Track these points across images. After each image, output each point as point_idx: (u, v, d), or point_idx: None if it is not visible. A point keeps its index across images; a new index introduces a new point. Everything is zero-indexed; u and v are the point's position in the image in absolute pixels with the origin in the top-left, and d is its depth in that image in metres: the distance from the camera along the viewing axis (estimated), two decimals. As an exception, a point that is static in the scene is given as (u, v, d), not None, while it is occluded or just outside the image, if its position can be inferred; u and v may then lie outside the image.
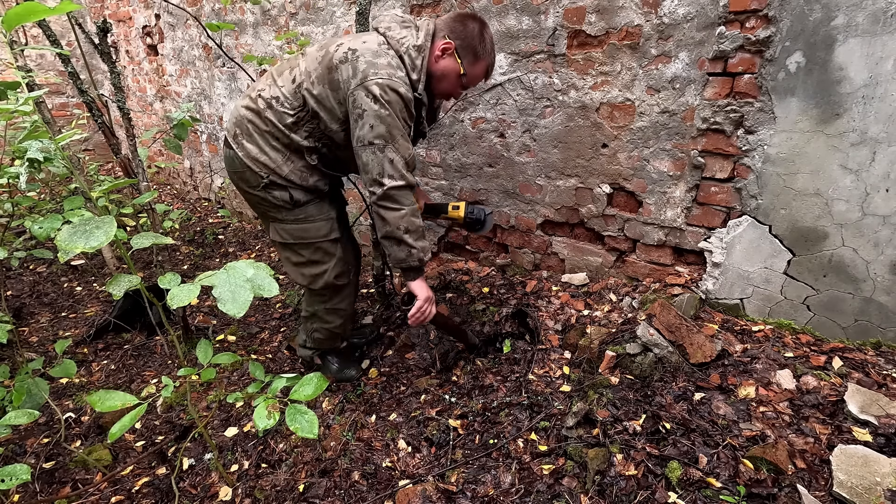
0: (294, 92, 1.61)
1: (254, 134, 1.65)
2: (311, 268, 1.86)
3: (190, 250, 3.80)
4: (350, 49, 1.54)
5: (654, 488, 1.36)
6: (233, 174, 1.76)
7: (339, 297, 1.96)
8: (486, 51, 1.63)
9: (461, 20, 1.61)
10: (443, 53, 1.60)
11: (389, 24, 1.60)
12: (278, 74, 1.67)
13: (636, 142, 1.99)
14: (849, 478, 1.25)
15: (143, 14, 4.58)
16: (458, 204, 1.99)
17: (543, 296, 2.28)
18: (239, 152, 1.67)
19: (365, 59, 1.52)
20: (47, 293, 3.27)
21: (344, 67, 1.53)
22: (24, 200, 2.34)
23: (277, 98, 1.62)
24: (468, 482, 1.57)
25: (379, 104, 1.49)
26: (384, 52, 1.54)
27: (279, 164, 1.66)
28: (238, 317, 0.93)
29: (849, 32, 1.47)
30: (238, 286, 0.96)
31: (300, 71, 1.62)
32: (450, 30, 1.60)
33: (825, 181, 1.61)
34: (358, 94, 1.50)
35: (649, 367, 1.72)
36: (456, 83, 1.66)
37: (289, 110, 1.61)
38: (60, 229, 0.98)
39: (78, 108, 5.17)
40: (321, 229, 1.81)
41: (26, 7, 0.94)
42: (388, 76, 1.50)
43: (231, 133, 1.69)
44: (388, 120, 1.50)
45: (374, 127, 1.51)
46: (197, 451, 1.89)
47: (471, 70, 1.64)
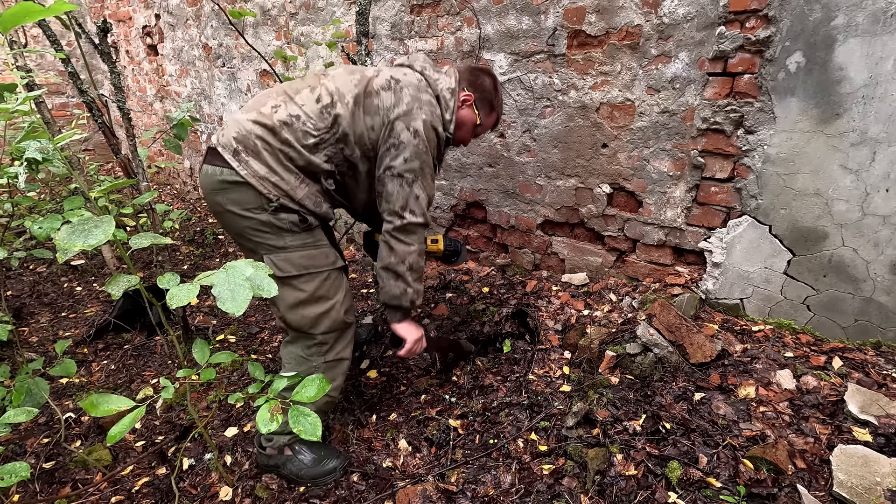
0: (320, 112, 1.50)
1: (263, 152, 1.47)
2: (314, 306, 1.56)
3: (190, 250, 3.80)
4: (393, 78, 1.53)
5: (654, 488, 1.36)
6: (220, 196, 1.51)
7: (344, 341, 1.66)
8: (498, 103, 1.75)
9: (478, 74, 1.70)
10: (463, 104, 1.67)
11: (424, 65, 1.61)
12: (294, 92, 1.54)
13: (636, 142, 1.99)
14: (849, 478, 1.25)
15: (143, 14, 4.58)
16: (437, 237, 1.98)
17: (543, 296, 2.28)
18: (241, 170, 1.46)
19: (409, 92, 1.51)
20: (47, 293, 3.27)
21: (386, 95, 1.51)
22: (24, 200, 2.34)
23: (298, 116, 1.49)
24: (468, 482, 1.57)
25: (419, 139, 1.49)
26: (424, 88, 1.55)
27: (293, 186, 1.50)
28: (237, 315, 0.93)
29: (849, 32, 1.47)
30: (237, 285, 0.96)
31: (328, 91, 1.52)
32: (468, 83, 1.67)
33: (825, 181, 1.61)
34: (398, 125, 1.49)
35: (649, 367, 1.72)
36: (471, 131, 1.73)
37: (312, 130, 1.49)
38: (60, 229, 0.98)
39: (78, 108, 5.17)
40: (329, 255, 1.60)
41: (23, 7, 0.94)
42: (430, 114, 1.52)
43: (230, 149, 1.47)
44: (423, 156, 1.51)
45: (408, 160, 1.50)
46: (197, 451, 1.89)
47: (485, 120, 1.74)
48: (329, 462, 1.68)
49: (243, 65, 3.67)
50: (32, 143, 1.38)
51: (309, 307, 1.56)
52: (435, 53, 2.48)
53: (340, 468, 1.68)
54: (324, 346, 1.61)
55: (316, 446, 1.70)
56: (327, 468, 1.67)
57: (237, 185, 1.47)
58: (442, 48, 2.44)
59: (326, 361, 1.63)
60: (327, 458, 1.69)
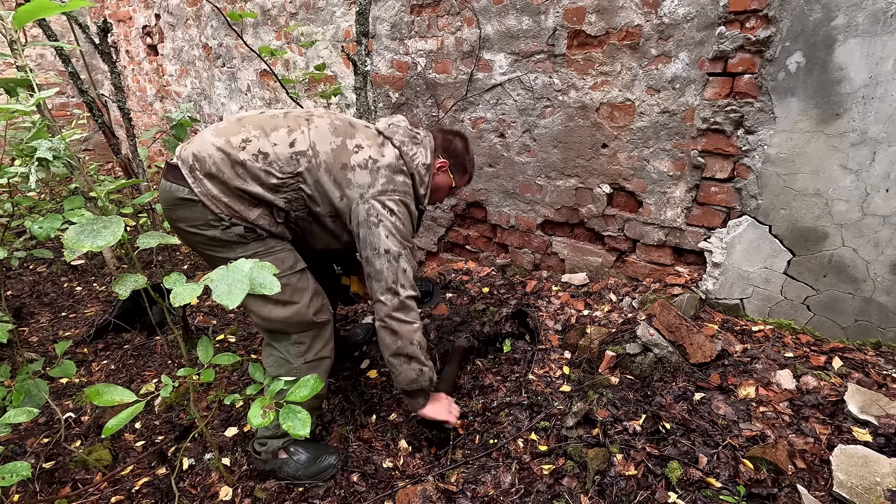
0: (290, 158, 1.49)
1: (216, 177, 1.45)
2: (281, 309, 1.56)
3: (189, 250, 3.80)
4: (371, 158, 1.55)
5: (654, 488, 1.36)
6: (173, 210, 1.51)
7: (321, 341, 1.66)
8: (470, 163, 1.83)
9: (449, 138, 1.77)
10: (438, 171, 1.75)
11: (403, 139, 1.64)
12: (271, 129, 1.51)
13: (636, 142, 1.99)
14: (849, 478, 1.25)
15: (143, 14, 4.58)
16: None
17: (543, 296, 2.28)
18: (195, 188, 1.44)
19: (385, 174, 1.55)
20: (47, 293, 3.27)
21: (362, 172, 1.54)
22: (24, 200, 2.34)
23: (266, 154, 1.47)
24: (468, 482, 1.57)
25: (396, 217, 1.54)
26: (399, 168, 1.60)
27: (245, 208, 1.49)
28: (231, 307, 0.94)
29: (849, 32, 1.47)
30: (235, 280, 0.97)
31: (304, 139, 1.51)
32: (443, 149, 1.75)
33: (825, 181, 1.62)
34: (374, 204, 1.52)
35: (649, 367, 1.72)
36: (446, 193, 1.83)
37: (277, 172, 1.47)
38: (64, 229, 0.98)
39: (78, 108, 5.17)
40: (286, 260, 1.57)
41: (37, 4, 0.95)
42: (403, 194, 1.58)
43: (187, 165, 1.45)
44: (403, 232, 1.56)
45: (388, 236, 1.52)
46: (197, 451, 1.89)
47: (459, 181, 1.83)
48: (325, 459, 1.69)
49: (243, 65, 3.67)
50: (44, 142, 1.38)
51: (276, 310, 1.56)
52: (435, 53, 2.48)
53: (337, 464, 1.70)
54: (301, 346, 1.62)
55: (310, 445, 1.71)
56: (324, 465, 1.68)
57: (188, 202, 1.46)
58: (442, 48, 2.44)
59: (307, 362, 1.63)
60: (323, 455, 1.70)
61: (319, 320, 1.62)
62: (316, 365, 1.65)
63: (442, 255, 2.92)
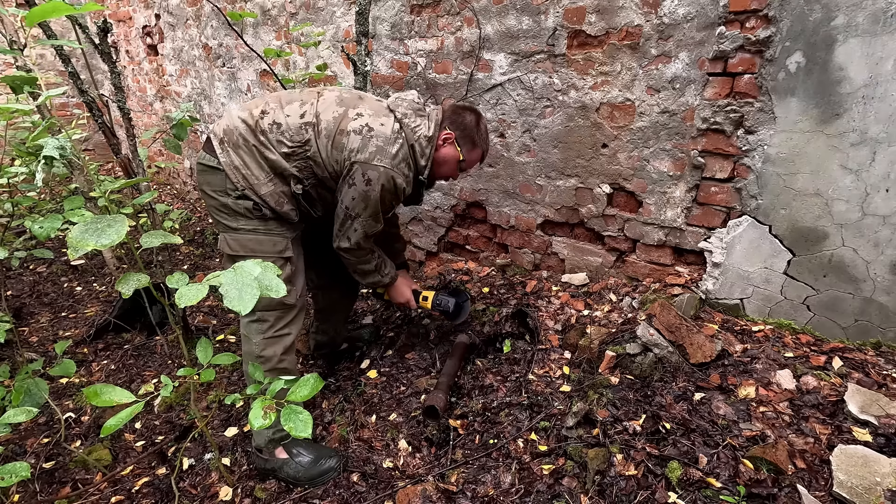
0: (299, 127, 1.63)
1: (241, 147, 1.62)
2: None
3: (190, 250, 3.80)
4: (367, 126, 1.63)
5: (654, 488, 1.36)
6: (201, 176, 1.70)
7: (285, 320, 1.73)
8: (481, 139, 1.81)
9: (459, 112, 1.78)
10: (444, 142, 1.76)
11: (406, 112, 1.70)
12: (287, 102, 1.67)
13: (636, 142, 1.99)
14: (849, 478, 1.25)
15: (143, 14, 4.58)
16: (427, 294, 2.06)
17: (543, 296, 2.28)
18: (221, 157, 1.62)
19: (376, 143, 1.61)
20: (47, 293, 3.28)
21: (355, 137, 1.61)
22: (24, 200, 2.34)
23: (280, 125, 1.63)
24: (468, 482, 1.57)
25: (370, 186, 1.62)
26: (395, 139, 1.64)
27: (260, 182, 1.63)
28: (244, 314, 0.94)
29: (849, 32, 1.47)
30: (245, 284, 0.97)
31: (312, 112, 1.65)
32: (451, 121, 1.77)
33: (825, 181, 1.62)
34: (355, 168, 1.62)
35: (649, 367, 1.72)
36: (455, 167, 1.82)
37: (287, 141, 1.63)
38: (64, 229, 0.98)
39: (78, 108, 5.17)
40: (277, 245, 1.69)
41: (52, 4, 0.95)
42: (390, 166, 1.62)
43: (217, 137, 1.64)
44: (369, 201, 1.65)
45: (354, 200, 1.65)
46: (197, 451, 1.89)
47: (468, 156, 1.81)
48: (326, 462, 1.71)
49: (243, 65, 3.67)
50: (50, 141, 1.39)
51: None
52: (435, 53, 2.48)
53: (338, 467, 1.71)
54: (264, 324, 1.71)
55: (313, 447, 1.74)
56: (324, 468, 1.70)
57: (214, 170, 1.65)
58: (442, 48, 2.44)
59: (265, 338, 1.72)
60: (324, 457, 1.72)
61: (287, 303, 1.72)
62: (274, 341, 1.73)
63: (442, 255, 2.92)
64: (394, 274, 1.96)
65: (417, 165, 1.73)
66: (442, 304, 2.03)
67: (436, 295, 2.05)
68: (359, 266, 1.85)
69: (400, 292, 2.03)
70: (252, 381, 1.44)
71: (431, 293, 2.06)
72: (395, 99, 1.75)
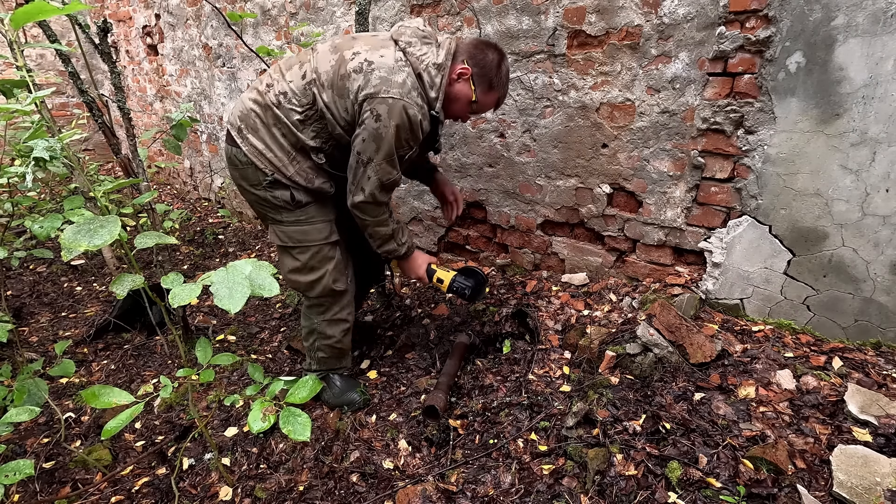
0: (303, 89, 1.57)
1: (260, 129, 1.60)
2: (308, 274, 1.78)
3: (190, 250, 3.80)
4: (366, 60, 1.51)
5: (654, 488, 1.36)
6: (234, 171, 1.70)
7: (339, 305, 1.86)
8: (500, 83, 1.64)
9: (482, 48, 1.61)
10: (458, 77, 1.60)
11: (410, 39, 1.55)
12: (287, 68, 1.61)
13: (636, 142, 1.99)
14: (849, 478, 1.25)
15: (143, 14, 4.58)
16: (443, 276, 1.93)
17: (543, 296, 2.28)
18: (243, 147, 1.61)
19: (379, 75, 1.49)
20: (47, 293, 3.28)
21: (356, 77, 1.51)
22: (24, 200, 2.34)
23: (286, 94, 1.58)
24: (468, 482, 1.57)
25: (380, 122, 1.49)
26: (400, 68, 1.51)
27: (285, 163, 1.62)
28: (233, 312, 0.94)
29: (849, 32, 1.47)
30: (236, 283, 0.97)
31: (310, 68, 1.57)
32: (469, 55, 1.60)
33: (825, 181, 1.61)
34: (365, 107, 1.50)
35: (649, 367, 1.72)
36: (466, 108, 1.67)
37: (297, 107, 1.57)
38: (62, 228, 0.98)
39: (78, 108, 5.17)
40: (322, 231, 1.75)
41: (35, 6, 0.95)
42: (399, 95, 1.48)
43: (235, 127, 1.63)
44: (381, 140, 1.52)
45: (365, 141, 1.53)
46: (197, 451, 1.89)
47: (482, 98, 1.65)
48: (350, 395, 1.94)
49: (243, 65, 3.67)
50: (40, 142, 1.39)
51: (302, 274, 1.78)
52: (435, 53, 2.47)
53: (360, 401, 1.94)
54: (321, 308, 1.84)
55: (346, 379, 1.99)
56: (347, 399, 1.94)
57: (243, 164, 1.64)
58: (442, 48, 2.44)
59: (326, 320, 1.86)
60: (350, 390, 1.95)
61: (338, 289, 1.81)
62: (335, 323, 1.87)
63: (442, 255, 2.92)
64: (411, 244, 1.85)
65: (428, 97, 1.56)
66: (458, 288, 1.91)
67: (453, 279, 1.92)
68: (375, 228, 1.71)
69: (414, 267, 1.91)
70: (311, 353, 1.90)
71: (448, 275, 1.93)
72: (397, 27, 1.60)
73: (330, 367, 1.98)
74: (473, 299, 1.97)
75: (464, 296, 1.92)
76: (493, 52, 1.62)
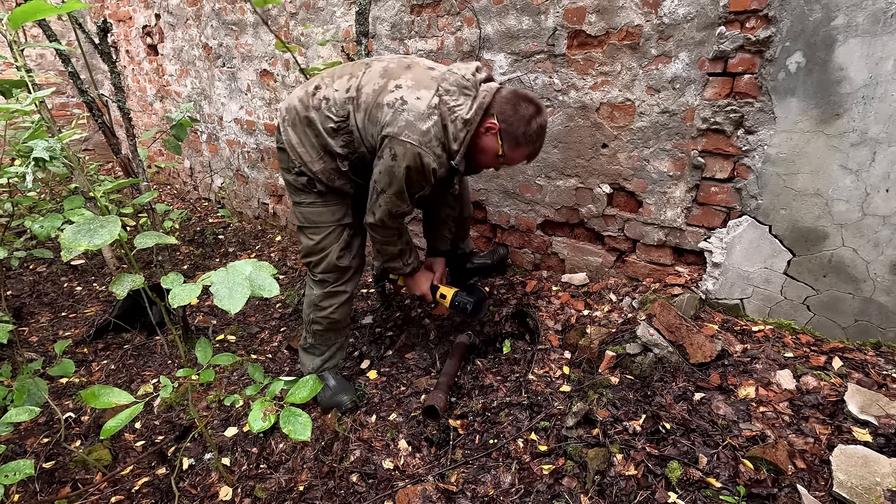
0: (343, 102, 1.66)
1: (297, 125, 1.73)
2: (317, 254, 1.89)
3: (190, 250, 3.80)
4: (402, 99, 1.57)
5: (654, 488, 1.36)
6: (277, 152, 1.87)
7: (341, 280, 1.94)
8: (528, 139, 1.63)
9: (515, 103, 1.61)
10: (486, 131, 1.63)
11: (450, 87, 1.59)
12: (338, 76, 1.71)
13: (636, 142, 1.99)
14: (849, 478, 1.25)
15: (143, 14, 4.58)
16: (446, 292, 2.02)
17: (543, 296, 2.28)
18: (283, 136, 1.76)
19: (406, 117, 1.55)
20: (47, 293, 3.28)
21: (387, 111, 1.58)
22: (24, 200, 2.34)
23: (328, 100, 1.68)
24: (468, 482, 1.57)
25: (395, 161, 1.58)
26: (429, 116, 1.56)
27: (313, 159, 1.74)
28: (233, 312, 0.94)
29: (849, 32, 1.47)
30: (236, 283, 0.97)
31: (356, 84, 1.66)
32: (500, 110, 1.61)
33: (825, 181, 1.61)
34: (385, 142, 1.59)
35: (649, 367, 1.72)
36: (494, 160, 1.70)
37: (333, 116, 1.67)
38: (62, 228, 0.98)
39: (78, 108, 5.17)
40: (335, 213, 1.86)
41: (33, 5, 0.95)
42: (417, 143, 1.55)
43: (281, 116, 1.78)
44: (394, 177, 1.62)
45: (381, 173, 1.64)
46: (197, 451, 1.89)
47: (509, 153, 1.66)
48: (341, 397, 1.96)
49: (243, 65, 3.67)
50: (40, 142, 1.39)
51: (314, 255, 1.90)
52: (435, 53, 2.48)
53: (348, 404, 1.95)
54: (324, 284, 1.94)
55: (340, 380, 2.03)
56: (336, 401, 1.96)
57: (280, 149, 1.81)
58: (442, 48, 2.44)
59: (324, 292, 1.94)
60: (341, 393, 1.98)
61: (341, 265, 1.90)
62: (331, 295, 1.94)
63: (442, 255, 2.92)
64: (416, 265, 1.96)
65: (450, 148, 1.61)
66: (460, 304, 2.00)
67: (455, 294, 2.00)
68: (382, 246, 1.85)
69: (417, 284, 2.02)
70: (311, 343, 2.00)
71: (450, 291, 2.01)
72: (446, 71, 1.64)
73: (325, 341, 2.02)
74: (475, 315, 2.07)
75: (465, 311, 2.01)
76: (528, 108, 1.61)
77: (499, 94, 1.63)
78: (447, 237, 2.15)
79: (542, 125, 1.64)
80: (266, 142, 3.75)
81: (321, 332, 2.00)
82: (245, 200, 4.24)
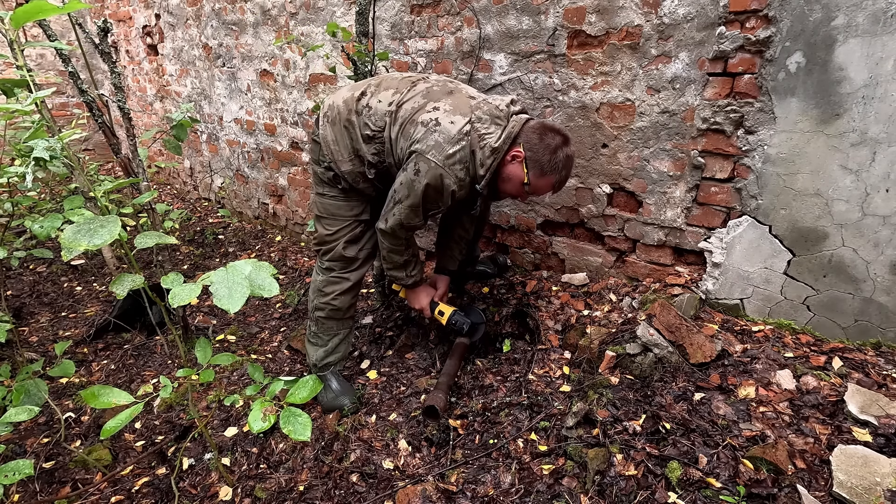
0: (383, 114, 1.72)
1: (336, 123, 1.79)
2: (329, 243, 1.95)
3: (190, 250, 3.80)
4: (436, 121, 1.64)
5: (654, 488, 1.36)
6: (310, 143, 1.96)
7: (347, 269, 1.99)
8: (554, 167, 1.68)
9: (542, 133, 1.67)
10: (512, 159, 1.69)
11: (483, 116, 1.66)
12: (384, 88, 1.77)
13: (636, 142, 1.99)
14: (849, 478, 1.25)
15: (143, 14, 4.58)
16: (445, 309, 2.04)
17: (543, 296, 2.28)
18: (320, 130, 1.82)
19: (436, 138, 1.62)
20: (47, 293, 3.28)
21: (421, 128, 1.65)
22: (24, 200, 2.34)
23: (370, 108, 1.74)
24: (468, 482, 1.57)
25: (417, 176, 1.64)
26: (458, 140, 1.62)
27: (343, 159, 1.80)
28: (233, 312, 0.94)
29: (849, 33, 1.47)
30: (235, 283, 0.97)
31: (398, 100, 1.72)
32: (526, 139, 1.67)
33: (825, 181, 1.61)
34: (411, 157, 1.66)
35: (649, 367, 1.72)
36: (519, 188, 1.73)
37: (371, 125, 1.73)
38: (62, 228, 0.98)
39: (78, 108, 5.17)
40: (354, 208, 1.92)
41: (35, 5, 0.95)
42: (441, 164, 1.62)
43: (323, 111, 1.84)
44: (413, 191, 1.67)
45: (402, 184, 1.69)
46: (197, 451, 1.89)
47: (535, 181, 1.70)
48: (342, 399, 1.99)
49: (243, 65, 3.67)
50: (40, 142, 1.39)
51: (325, 243, 1.97)
52: (435, 53, 2.48)
53: (349, 406, 1.97)
54: (331, 273, 2.00)
55: (342, 383, 2.05)
56: (336, 403, 1.99)
57: (314, 141, 1.89)
58: (442, 48, 2.44)
59: (328, 278, 2.00)
60: (343, 395, 2.00)
61: (347, 255, 1.96)
62: (335, 281, 1.99)
63: (442, 255, 2.92)
64: (418, 279, 2.00)
65: (475, 173, 1.68)
66: (457, 324, 2.01)
67: (453, 313, 2.02)
68: (389, 254, 1.89)
69: (417, 298, 2.07)
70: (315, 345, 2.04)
71: (449, 309, 2.03)
72: (482, 100, 1.72)
73: (327, 330, 2.04)
74: (470, 336, 2.09)
75: (461, 332, 2.04)
76: (555, 138, 1.67)
77: (527, 125, 1.70)
78: (457, 258, 2.19)
79: (570, 155, 1.71)
80: (266, 142, 3.75)
81: (323, 319, 2.03)
82: (245, 200, 4.24)
